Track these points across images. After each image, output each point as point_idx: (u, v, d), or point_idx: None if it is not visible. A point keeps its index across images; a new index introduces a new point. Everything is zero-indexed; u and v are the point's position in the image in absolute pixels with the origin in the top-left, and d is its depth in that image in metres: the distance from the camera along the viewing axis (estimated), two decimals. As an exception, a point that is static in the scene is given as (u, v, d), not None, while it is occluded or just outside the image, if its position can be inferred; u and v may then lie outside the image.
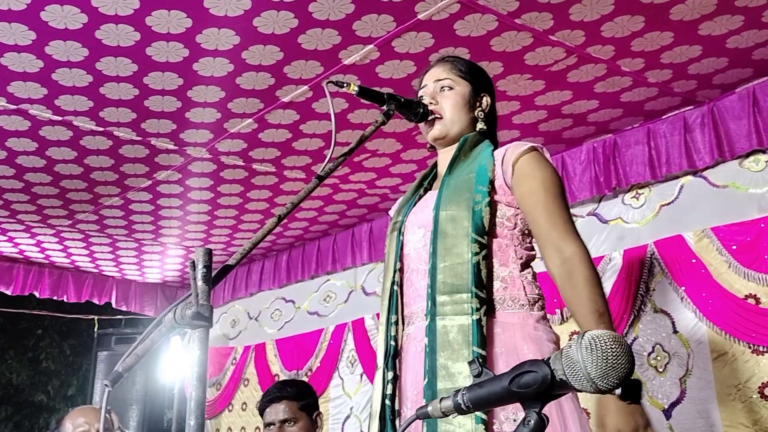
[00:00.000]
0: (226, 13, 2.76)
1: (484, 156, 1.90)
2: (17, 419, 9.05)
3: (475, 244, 1.77)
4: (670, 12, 2.85)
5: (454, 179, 1.91)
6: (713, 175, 3.61)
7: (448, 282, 1.77)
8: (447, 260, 1.79)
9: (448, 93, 2.01)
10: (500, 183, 1.86)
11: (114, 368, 1.36)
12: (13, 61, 3.05)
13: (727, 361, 3.37)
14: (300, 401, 2.85)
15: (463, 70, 2.05)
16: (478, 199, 1.82)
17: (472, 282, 1.74)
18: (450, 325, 1.73)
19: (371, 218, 5.18)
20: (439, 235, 1.83)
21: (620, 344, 1.03)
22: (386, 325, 1.91)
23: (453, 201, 1.85)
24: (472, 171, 1.88)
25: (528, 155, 1.85)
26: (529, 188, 1.82)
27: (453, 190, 1.88)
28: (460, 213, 1.81)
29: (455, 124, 2.00)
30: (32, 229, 5.27)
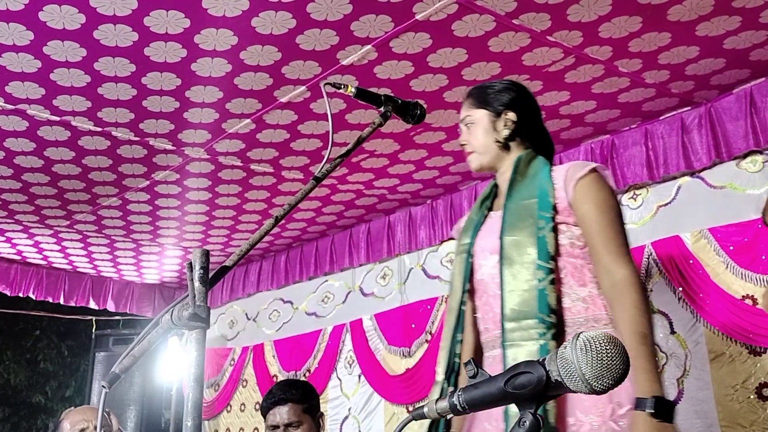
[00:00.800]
0: (225, 14, 2.76)
1: (542, 178, 1.95)
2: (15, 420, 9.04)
3: (540, 271, 1.82)
4: (667, 13, 2.86)
5: (514, 204, 1.95)
6: (711, 175, 3.61)
7: (516, 309, 1.82)
8: (515, 287, 1.84)
9: (471, 128, 2.09)
10: (564, 205, 1.90)
11: (111, 369, 1.36)
12: (11, 61, 3.05)
13: (724, 362, 3.37)
14: (304, 404, 2.84)
15: (478, 98, 2.10)
16: (542, 225, 1.86)
17: (538, 308, 1.79)
18: (519, 352, 1.78)
19: (369, 219, 5.19)
20: (506, 262, 1.88)
21: (615, 345, 1.04)
22: (451, 341, 1.96)
23: (516, 227, 1.89)
24: (533, 195, 1.92)
25: (587, 177, 1.90)
26: (586, 211, 1.87)
27: (515, 215, 1.92)
28: (524, 239, 1.86)
29: (485, 154, 2.06)
30: (30, 230, 5.26)
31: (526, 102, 2.13)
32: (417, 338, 4.76)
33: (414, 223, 4.93)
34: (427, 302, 4.79)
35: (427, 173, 4.39)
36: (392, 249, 5.03)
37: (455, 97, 3.45)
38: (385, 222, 5.10)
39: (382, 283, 5.15)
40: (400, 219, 5.01)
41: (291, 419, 2.79)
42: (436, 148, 4.04)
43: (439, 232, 4.75)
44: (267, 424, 2.83)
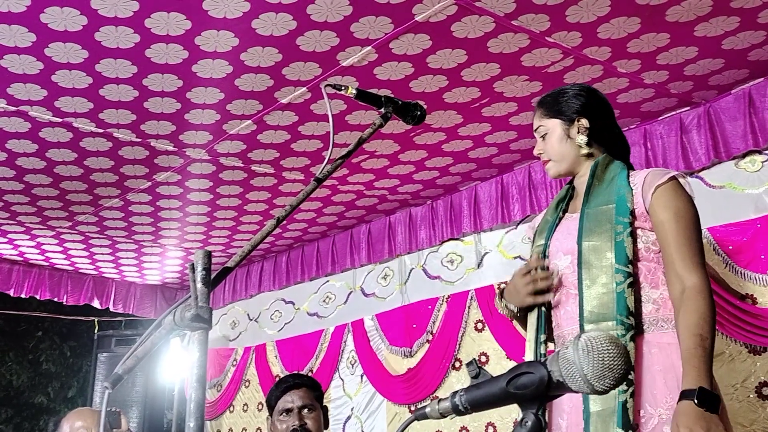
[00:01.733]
0: (225, 15, 2.77)
1: (620, 183, 1.98)
2: (17, 421, 9.05)
3: (619, 274, 1.86)
4: (666, 13, 2.86)
5: (592, 209, 1.99)
6: (709, 175, 3.62)
7: (595, 312, 1.87)
8: (593, 290, 1.89)
9: (546, 138, 2.11)
10: (641, 210, 1.94)
11: (114, 370, 1.37)
12: (13, 62, 3.06)
13: (724, 361, 3.38)
14: (315, 391, 2.87)
15: (550, 107, 2.12)
16: (620, 230, 1.90)
17: (617, 310, 1.83)
18: None
19: (369, 219, 5.19)
20: (584, 266, 1.92)
21: (616, 345, 1.05)
22: (535, 343, 1.99)
23: (594, 232, 1.94)
24: (611, 201, 1.96)
25: (666, 185, 1.93)
26: (663, 218, 1.91)
27: (593, 220, 1.96)
28: (602, 244, 1.90)
29: (562, 162, 2.09)
30: (32, 231, 5.27)
31: (598, 106, 2.13)
32: (418, 338, 4.77)
33: (414, 223, 4.93)
34: (428, 302, 4.79)
35: (427, 174, 4.40)
36: (393, 249, 5.04)
37: (455, 98, 3.46)
38: (385, 222, 5.11)
39: (383, 283, 5.16)
40: (400, 219, 5.02)
41: (306, 402, 2.79)
42: (436, 148, 4.05)
43: (439, 232, 4.75)
44: (279, 409, 2.79)
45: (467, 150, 4.08)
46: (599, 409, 1.79)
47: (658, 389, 1.81)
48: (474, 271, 4.61)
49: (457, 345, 4.55)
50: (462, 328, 4.55)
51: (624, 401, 1.75)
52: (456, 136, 3.89)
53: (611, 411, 1.76)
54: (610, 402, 1.76)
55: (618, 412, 1.75)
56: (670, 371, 1.81)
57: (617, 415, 1.74)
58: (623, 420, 1.73)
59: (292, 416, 2.77)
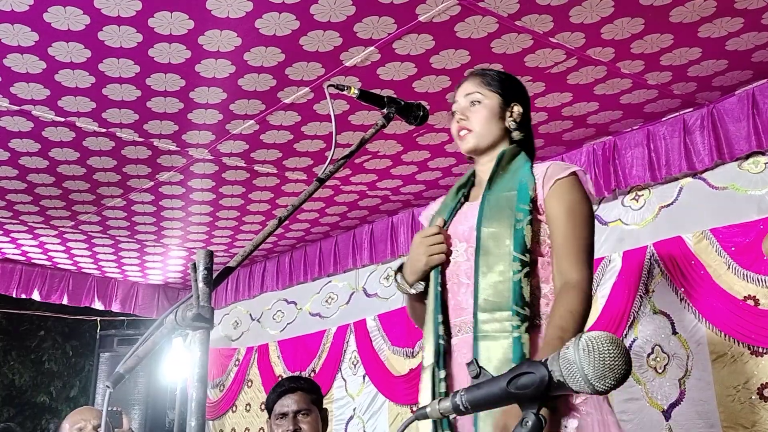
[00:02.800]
0: (228, 15, 2.77)
1: (523, 173, 1.94)
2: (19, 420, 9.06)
3: (516, 263, 1.81)
4: (669, 14, 2.86)
5: (494, 195, 1.94)
6: (712, 176, 3.62)
7: (490, 300, 1.81)
8: (489, 278, 1.83)
9: (478, 107, 2.04)
10: (540, 202, 1.90)
11: (116, 369, 1.37)
12: (16, 62, 3.07)
13: (726, 363, 3.38)
14: (312, 395, 2.87)
15: (492, 81, 2.07)
16: (520, 218, 1.85)
17: (513, 300, 1.78)
18: (492, 343, 1.77)
19: (372, 220, 5.19)
20: (482, 253, 1.86)
21: (617, 346, 1.04)
22: (434, 324, 1.93)
23: (495, 218, 1.88)
24: (513, 188, 1.91)
25: (565, 180, 1.90)
26: (555, 211, 1.87)
27: (494, 206, 1.91)
28: (502, 231, 1.85)
29: (485, 137, 2.02)
30: (35, 230, 5.28)
31: (528, 99, 2.13)
32: (420, 339, 4.75)
33: (417, 224, 4.93)
34: (430, 303, 4.78)
35: (429, 174, 4.40)
36: (395, 250, 5.04)
37: (458, 98, 3.46)
38: (388, 223, 5.11)
39: (385, 283, 5.16)
40: (403, 220, 5.02)
41: (301, 406, 2.80)
42: (439, 149, 4.05)
43: (442, 232, 4.74)
44: (275, 413, 2.81)
45: (470, 150, 4.08)
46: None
47: None
48: (476, 271, 4.60)
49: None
50: (464, 328, 4.54)
51: None
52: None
53: None
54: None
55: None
56: None
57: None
58: None
59: (287, 421, 2.78)
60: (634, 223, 3.88)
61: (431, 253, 1.93)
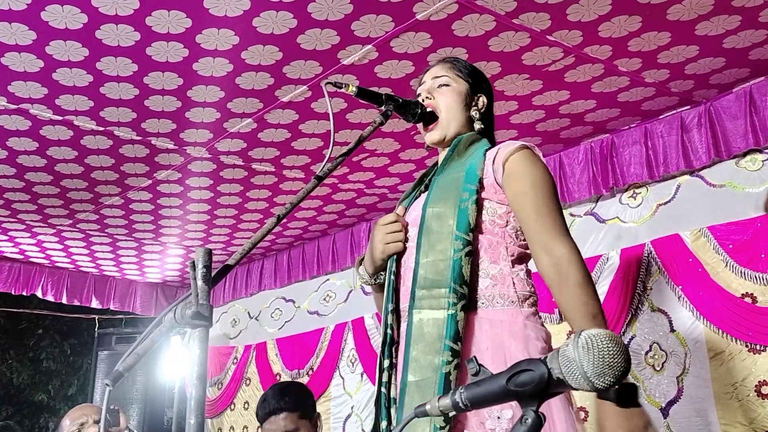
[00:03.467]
0: (226, 14, 2.77)
1: (476, 155, 1.90)
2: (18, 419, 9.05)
3: (458, 241, 1.76)
4: (667, 12, 2.86)
5: (443, 178, 1.91)
6: (710, 174, 3.63)
7: (429, 277, 1.77)
8: (429, 256, 1.79)
9: (445, 90, 2.01)
10: (491, 181, 1.85)
11: (115, 367, 1.37)
12: (14, 60, 3.06)
13: (723, 360, 3.38)
14: (299, 410, 2.80)
15: (461, 69, 2.05)
16: (465, 197, 1.81)
17: (451, 278, 1.73)
18: (426, 318, 1.74)
19: (370, 218, 5.20)
20: (425, 232, 1.83)
21: (617, 343, 1.05)
22: (384, 313, 1.90)
23: (440, 199, 1.85)
24: (462, 170, 1.88)
25: (518, 154, 1.83)
26: (519, 188, 1.80)
27: (442, 188, 1.88)
28: (446, 210, 1.81)
29: (451, 124, 1.99)
30: (33, 229, 5.28)
31: (492, 95, 2.11)
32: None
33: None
34: (428, 301, 4.79)
35: (428, 172, 4.40)
36: (394, 248, 5.03)
37: (456, 96, 3.46)
38: (386, 221, 5.10)
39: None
40: (401, 218, 5.01)
41: (288, 427, 2.78)
42: (437, 147, 4.04)
43: (440, 230, 4.75)
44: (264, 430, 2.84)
45: (468, 148, 4.08)
46: (418, 379, 1.69)
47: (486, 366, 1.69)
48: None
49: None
50: (462, 326, 4.54)
51: (447, 372, 1.65)
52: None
53: (432, 382, 1.66)
54: (431, 373, 1.67)
55: (440, 383, 1.65)
56: (499, 349, 1.70)
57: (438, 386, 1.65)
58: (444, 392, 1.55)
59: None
60: (631, 221, 3.88)
61: (387, 241, 1.90)
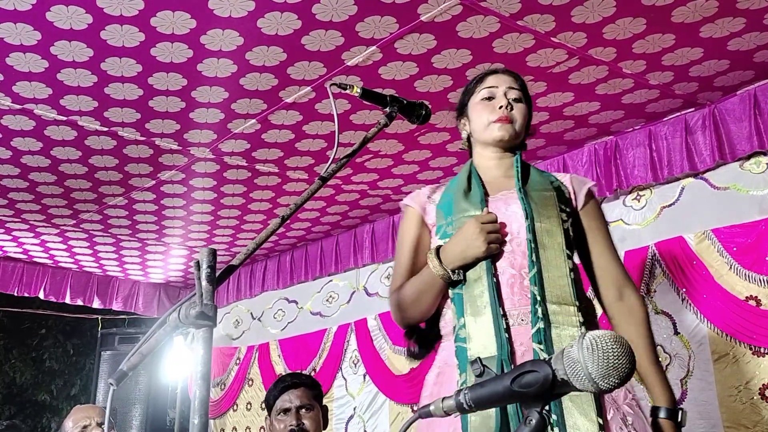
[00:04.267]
0: (230, 15, 2.77)
1: (547, 175, 2.01)
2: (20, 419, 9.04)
3: (569, 261, 1.86)
4: (671, 14, 2.86)
5: (535, 192, 1.94)
6: (714, 177, 3.62)
7: (555, 293, 1.83)
8: (552, 272, 1.85)
9: (521, 106, 2.06)
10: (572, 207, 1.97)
11: (118, 367, 1.37)
12: (19, 61, 3.07)
13: (728, 363, 3.38)
14: (314, 390, 2.88)
15: (524, 88, 2.11)
16: (565, 218, 1.91)
17: (573, 295, 1.82)
18: (564, 335, 1.79)
19: (373, 219, 5.20)
20: (540, 247, 1.86)
21: (621, 344, 1.04)
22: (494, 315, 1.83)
23: (544, 215, 1.90)
24: (549, 189, 1.96)
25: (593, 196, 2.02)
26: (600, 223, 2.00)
27: (540, 203, 1.91)
28: (553, 228, 1.88)
29: (520, 136, 2.05)
30: (36, 229, 5.28)
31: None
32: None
33: (418, 223, 4.92)
34: (431, 302, 4.79)
35: (431, 174, 4.40)
36: (396, 249, 5.03)
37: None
38: (389, 222, 5.11)
39: (386, 283, 5.16)
40: (404, 219, 5.01)
41: (304, 402, 2.79)
42: (441, 148, 4.05)
43: (443, 232, 4.75)
44: (277, 408, 2.80)
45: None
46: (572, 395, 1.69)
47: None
48: (477, 271, 4.60)
49: (461, 345, 4.53)
50: (465, 328, 4.54)
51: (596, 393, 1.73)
52: (460, 136, 3.88)
53: (588, 398, 1.72)
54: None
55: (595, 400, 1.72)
56: None
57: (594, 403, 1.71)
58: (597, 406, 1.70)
59: (290, 416, 2.77)
60: (635, 223, 3.88)
61: (491, 241, 1.86)
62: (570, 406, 1.74)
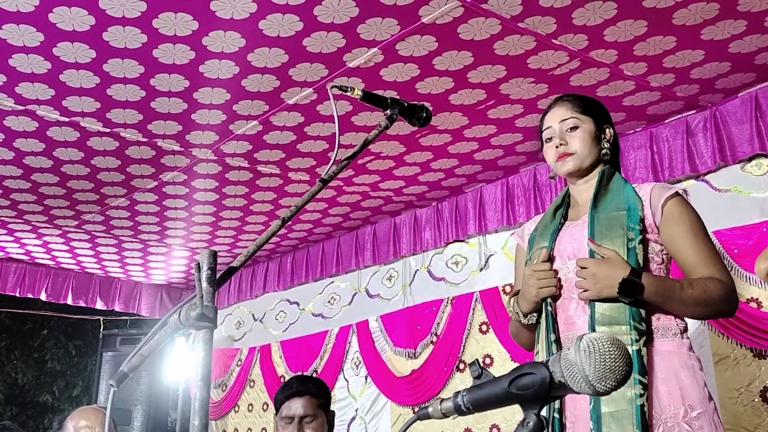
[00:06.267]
0: (232, 16, 2.78)
1: (628, 193, 2.01)
2: (22, 419, 9.07)
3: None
4: (672, 16, 2.86)
5: (603, 214, 1.99)
6: (715, 179, 3.62)
7: (607, 314, 1.87)
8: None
9: (576, 132, 2.09)
10: (650, 222, 1.98)
11: (119, 368, 1.37)
12: (21, 62, 3.08)
13: (728, 365, 3.38)
14: (320, 399, 2.83)
15: (583, 107, 2.13)
16: (632, 237, 1.92)
17: (629, 315, 1.85)
18: None
19: (375, 221, 5.20)
20: None
21: (618, 347, 1.05)
22: (547, 342, 1.97)
23: (607, 236, 1.94)
24: (621, 208, 1.98)
25: (675, 200, 1.98)
26: (678, 232, 1.95)
27: (605, 225, 1.97)
28: (615, 249, 1.90)
29: (587, 159, 2.08)
30: (39, 230, 5.30)
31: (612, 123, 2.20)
32: (422, 340, 4.77)
33: (419, 224, 4.94)
34: (432, 304, 4.80)
35: (432, 175, 4.41)
36: (398, 251, 5.05)
37: (461, 99, 3.47)
38: (390, 224, 5.11)
39: (387, 284, 5.17)
40: (405, 221, 5.02)
41: (307, 412, 2.78)
42: (442, 150, 4.05)
43: (444, 234, 4.76)
44: (281, 415, 2.80)
45: (473, 152, 4.08)
46: (612, 410, 1.79)
47: (662, 397, 1.83)
48: (479, 273, 4.62)
49: (462, 347, 4.55)
50: (466, 329, 4.55)
51: (641, 405, 1.77)
52: (462, 137, 3.90)
53: (629, 413, 1.77)
54: (626, 405, 1.78)
55: (636, 415, 1.76)
56: (673, 379, 1.84)
57: (636, 418, 1.76)
58: (642, 423, 1.75)
59: (292, 426, 2.77)
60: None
61: (541, 287, 1.98)
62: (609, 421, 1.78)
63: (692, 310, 1.90)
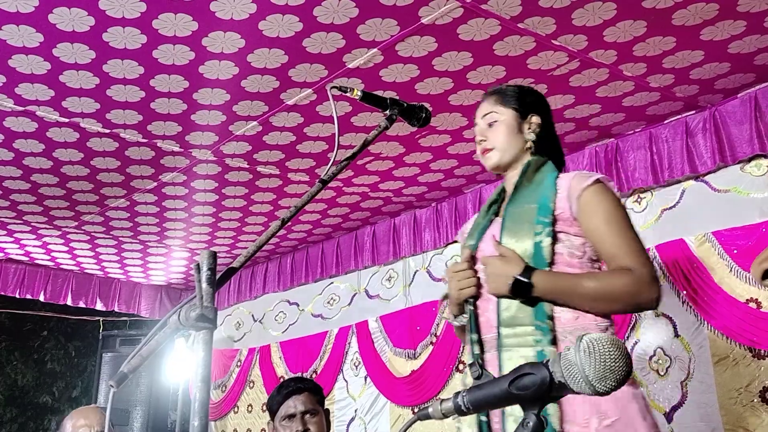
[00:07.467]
0: (232, 17, 2.78)
1: (547, 184, 1.94)
2: (22, 420, 9.07)
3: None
4: (672, 17, 2.87)
5: (516, 208, 1.95)
6: (715, 179, 3.62)
7: (510, 315, 1.83)
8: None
9: (495, 126, 2.06)
10: (566, 215, 1.89)
11: (119, 369, 1.37)
12: (21, 63, 3.08)
13: (728, 365, 3.38)
14: (317, 395, 2.88)
15: (506, 98, 2.09)
16: (539, 230, 1.86)
17: (534, 315, 1.79)
18: (515, 357, 1.78)
19: (374, 221, 5.20)
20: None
21: (618, 347, 1.05)
22: (470, 344, 1.94)
23: (513, 232, 1.90)
24: (534, 201, 1.92)
25: (590, 189, 1.89)
26: (594, 223, 1.87)
27: (514, 220, 1.92)
28: (520, 245, 1.86)
29: (506, 152, 2.04)
30: (38, 231, 5.29)
31: (546, 108, 2.13)
32: (422, 340, 4.77)
33: (419, 225, 4.94)
34: (431, 304, 4.80)
35: (432, 176, 4.41)
36: (397, 251, 5.05)
37: (460, 100, 3.47)
38: (390, 225, 5.11)
39: (387, 285, 5.17)
40: (405, 221, 5.03)
41: (308, 407, 2.80)
42: (441, 151, 4.05)
43: (443, 234, 4.76)
44: (281, 414, 2.80)
45: (472, 152, 4.08)
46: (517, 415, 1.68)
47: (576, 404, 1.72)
48: (478, 273, 4.61)
49: (461, 347, 4.54)
50: (466, 330, 4.54)
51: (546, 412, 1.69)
52: (461, 138, 3.90)
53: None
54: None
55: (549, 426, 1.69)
56: None
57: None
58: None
59: (296, 422, 2.78)
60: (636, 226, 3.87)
61: (461, 288, 1.94)
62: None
63: (596, 306, 1.80)
